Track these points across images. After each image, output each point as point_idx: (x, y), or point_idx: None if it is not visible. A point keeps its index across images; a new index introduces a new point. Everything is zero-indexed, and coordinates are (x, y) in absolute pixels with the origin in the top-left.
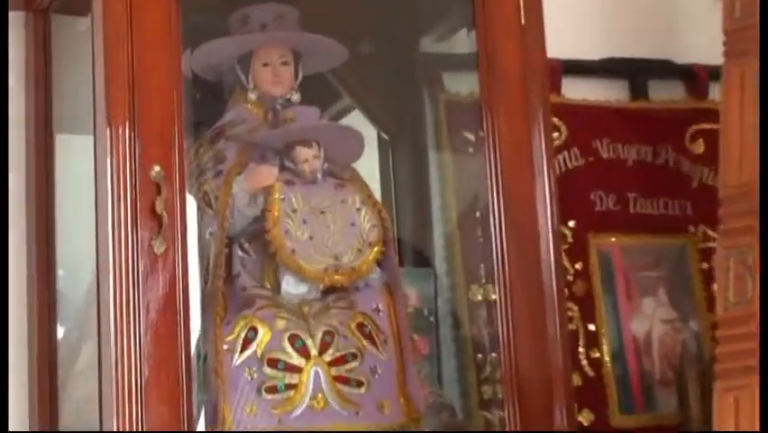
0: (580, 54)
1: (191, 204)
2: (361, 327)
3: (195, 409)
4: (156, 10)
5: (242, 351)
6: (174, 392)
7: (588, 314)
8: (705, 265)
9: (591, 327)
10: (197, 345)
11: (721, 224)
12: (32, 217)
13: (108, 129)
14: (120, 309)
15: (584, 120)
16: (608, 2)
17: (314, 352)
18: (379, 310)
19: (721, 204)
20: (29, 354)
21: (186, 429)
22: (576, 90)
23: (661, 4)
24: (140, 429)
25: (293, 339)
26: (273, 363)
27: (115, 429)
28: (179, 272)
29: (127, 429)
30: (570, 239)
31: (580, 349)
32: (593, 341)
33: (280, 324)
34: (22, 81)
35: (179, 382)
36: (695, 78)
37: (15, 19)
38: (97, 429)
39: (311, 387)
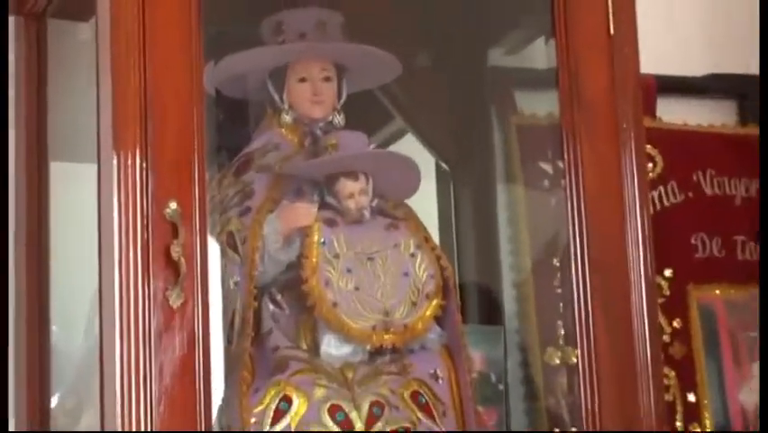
0: (680, 70)
1: (213, 248)
2: (415, 396)
3: None
4: (174, 14)
5: (273, 424)
6: None
7: (687, 382)
8: None
9: (691, 398)
10: (219, 417)
11: None
12: (21, 261)
13: (115, 157)
14: (128, 373)
15: (684, 148)
16: (713, 8)
17: (359, 426)
18: (437, 376)
19: None
20: (16, 423)
21: None
22: (674, 112)
23: None
24: None
25: (334, 411)
26: None
27: None
28: (199, 330)
29: None
30: (666, 291)
31: (678, 423)
32: (694, 414)
33: (319, 392)
34: (11, 98)
35: None
36: None
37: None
38: None
39: None
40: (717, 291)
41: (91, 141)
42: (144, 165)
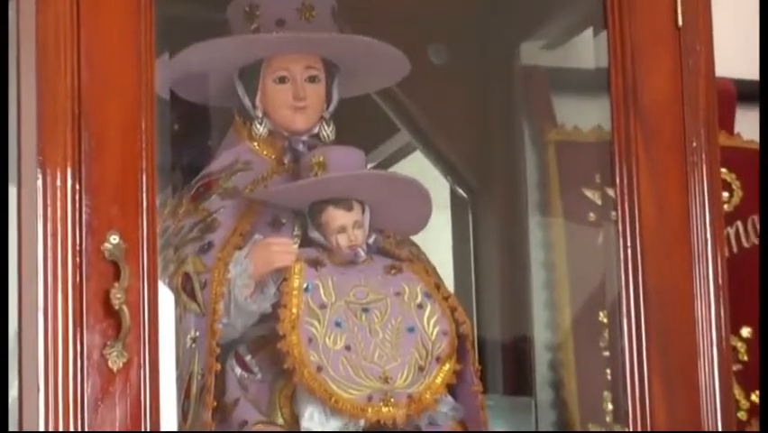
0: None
1: (165, 294)
2: None
3: None
4: None
5: None
6: None
7: None
8: None
9: None
10: None
11: None
12: None
13: (40, 177)
14: None
15: None
16: None
17: None
18: None
19: None
20: None
21: None
22: (757, 128)
23: None
24: None
25: None
26: None
27: None
28: (146, 398)
29: None
30: (744, 356)
31: None
32: None
33: None
34: None
35: None
36: None
37: None
38: None
39: None
40: None
41: (10, 155)
42: (77, 187)
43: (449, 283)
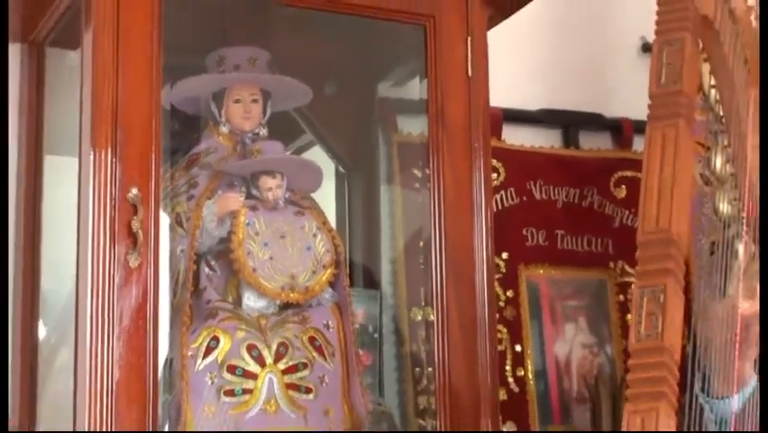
0: (520, 104)
1: (165, 223)
2: (312, 340)
3: (161, 410)
4: (140, 48)
5: (204, 357)
6: (142, 394)
7: (516, 336)
8: (621, 297)
9: (518, 348)
10: (168, 354)
11: (638, 265)
12: (20, 228)
13: (92, 153)
14: (96, 317)
15: (521, 164)
16: (546, 59)
17: (269, 360)
18: (328, 326)
19: (639, 248)
20: (12, 350)
21: (152, 429)
22: (515, 137)
23: (593, 63)
24: (110, 429)
25: (251, 348)
26: (232, 369)
27: (87, 428)
28: (151, 285)
29: (98, 428)
30: (503, 269)
31: (507, 367)
32: (519, 361)
33: (240, 334)
34: (15, 107)
35: (147, 384)
36: (621, 130)
37: (13, 50)
38: (70, 426)
39: (265, 392)
40: (541, 271)
41: (76, 140)
42: (114, 160)
43: (332, 222)
